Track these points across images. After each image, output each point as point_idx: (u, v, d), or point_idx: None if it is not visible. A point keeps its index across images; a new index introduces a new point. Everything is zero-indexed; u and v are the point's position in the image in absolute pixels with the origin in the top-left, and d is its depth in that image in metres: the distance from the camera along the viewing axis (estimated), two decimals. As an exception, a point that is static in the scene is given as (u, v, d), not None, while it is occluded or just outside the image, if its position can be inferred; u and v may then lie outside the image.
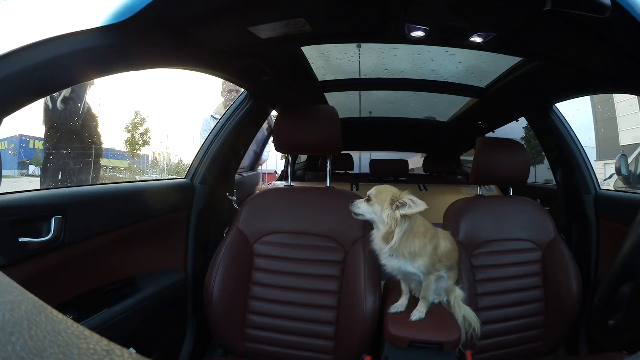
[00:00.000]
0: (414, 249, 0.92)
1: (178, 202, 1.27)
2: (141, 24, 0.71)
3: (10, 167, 11.11)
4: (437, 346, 0.90)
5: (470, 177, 1.40)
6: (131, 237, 1.08)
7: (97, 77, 0.77)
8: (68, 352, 0.18)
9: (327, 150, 1.30)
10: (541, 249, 1.28)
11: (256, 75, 1.24)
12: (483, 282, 1.23)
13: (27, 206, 0.78)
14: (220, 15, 0.83)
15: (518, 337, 1.22)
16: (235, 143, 1.43)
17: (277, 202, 1.21)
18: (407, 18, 0.86)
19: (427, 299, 0.98)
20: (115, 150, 15.70)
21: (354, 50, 1.38)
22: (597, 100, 7.38)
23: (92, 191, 1.00)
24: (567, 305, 1.20)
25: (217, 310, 1.09)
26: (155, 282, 1.14)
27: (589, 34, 0.81)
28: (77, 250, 0.89)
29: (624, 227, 1.18)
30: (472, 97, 1.63)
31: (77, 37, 0.67)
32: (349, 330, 1.06)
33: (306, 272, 1.13)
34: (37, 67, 0.62)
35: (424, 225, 0.95)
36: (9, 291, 0.24)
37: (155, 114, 37.30)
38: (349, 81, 1.62)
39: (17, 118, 0.68)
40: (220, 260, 1.11)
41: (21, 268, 0.75)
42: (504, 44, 0.97)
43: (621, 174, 2.33)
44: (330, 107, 1.27)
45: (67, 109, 2.45)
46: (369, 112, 2.15)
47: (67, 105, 2.45)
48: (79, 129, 2.51)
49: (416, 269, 0.95)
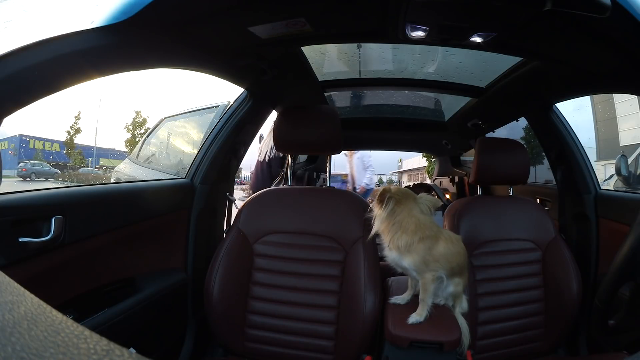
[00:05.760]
0: (401, 244, 0.95)
1: (178, 202, 1.27)
2: (141, 24, 0.71)
3: (10, 167, 11.13)
4: (437, 346, 0.90)
5: (470, 177, 1.40)
6: (131, 237, 1.08)
7: (97, 77, 0.76)
8: (68, 352, 0.18)
9: (327, 149, 1.30)
10: (541, 249, 1.28)
11: (256, 75, 1.24)
12: (483, 282, 1.23)
13: (27, 206, 0.78)
14: (220, 15, 0.83)
15: (518, 337, 1.22)
16: (235, 143, 1.43)
17: (277, 202, 1.21)
18: (407, 18, 0.86)
19: (426, 302, 0.97)
20: (115, 150, 15.72)
21: (354, 50, 1.38)
22: (597, 101, 7.37)
23: (92, 191, 1.00)
24: (567, 305, 1.20)
25: (217, 310, 1.09)
26: (155, 282, 1.14)
27: (589, 34, 0.81)
28: (77, 250, 0.89)
29: (624, 227, 1.18)
30: (472, 97, 1.63)
31: (77, 37, 0.67)
32: (349, 330, 1.06)
33: (306, 272, 1.13)
34: (37, 67, 0.62)
35: (415, 224, 0.95)
36: (9, 291, 0.24)
37: (154, 114, 37.28)
38: (349, 81, 1.62)
39: (17, 118, 0.68)
40: (221, 260, 1.11)
41: (21, 268, 0.75)
42: (504, 44, 0.97)
43: (621, 174, 2.33)
44: (331, 107, 1.27)
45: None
46: (368, 112, 2.15)
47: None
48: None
49: (407, 265, 0.96)
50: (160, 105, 37.78)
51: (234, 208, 1.42)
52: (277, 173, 2.49)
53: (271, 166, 2.51)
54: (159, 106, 36.68)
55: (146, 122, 15.58)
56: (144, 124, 15.59)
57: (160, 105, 38.81)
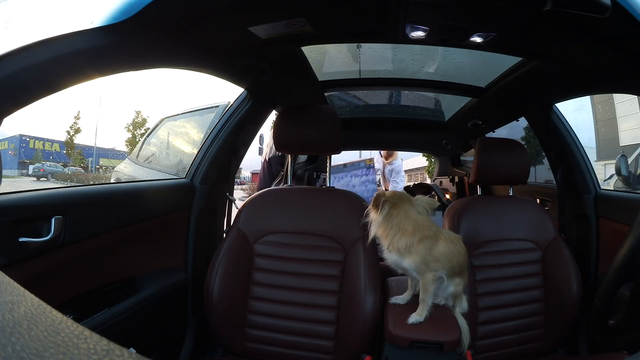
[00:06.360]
0: (401, 246, 0.95)
1: (178, 202, 1.27)
2: (141, 24, 0.71)
3: (10, 167, 11.16)
4: (437, 346, 0.90)
5: (470, 177, 1.40)
6: (131, 237, 1.08)
7: (97, 77, 0.76)
8: (68, 352, 0.18)
9: (327, 149, 1.30)
10: (541, 249, 1.28)
11: (256, 75, 1.24)
12: (483, 282, 1.23)
13: (27, 206, 0.78)
14: (220, 15, 0.83)
15: (518, 337, 1.22)
16: (235, 143, 1.43)
17: (277, 202, 1.21)
18: (407, 18, 0.86)
19: (426, 302, 0.97)
20: (115, 150, 15.73)
21: (354, 50, 1.38)
22: (597, 101, 7.36)
23: (92, 191, 1.00)
24: (567, 305, 1.20)
25: (217, 310, 1.09)
26: (155, 282, 1.14)
27: (589, 34, 0.81)
28: (77, 250, 0.89)
29: (624, 227, 1.18)
30: (472, 97, 1.63)
31: (77, 37, 0.67)
32: (349, 330, 1.06)
33: (306, 272, 1.13)
34: (37, 67, 0.62)
35: (413, 225, 0.95)
36: (9, 291, 0.24)
37: (154, 114, 37.27)
38: (349, 81, 1.62)
39: (17, 118, 0.68)
40: (221, 260, 1.11)
41: (21, 268, 0.75)
42: (504, 44, 0.97)
43: (621, 174, 2.33)
44: (331, 107, 1.27)
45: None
46: (368, 112, 2.15)
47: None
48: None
49: (408, 265, 0.96)
50: (161, 105, 37.76)
51: (234, 208, 1.42)
52: (277, 171, 2.50)
53: (271, 165, 2.52)
54: (159, 106, 36.70)
55: (146, 122, 15.61)
56: (144, 124, 15.61)
57: (161, 105, 38.82)
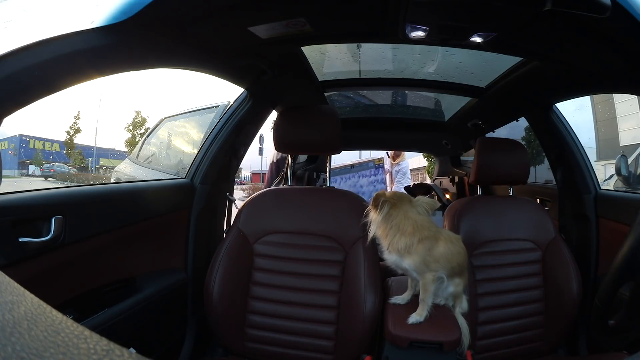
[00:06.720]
0: (400, 246, 0.95)
1: (178, 202, 1.27)
2: (141, 24, 0.71)
3: (10, 167, 11.17)
4: (437, 346, 0.90)
5: (470, 177, 1.40)
6: (131, 237, 1.08)
7: (97, 77, 0.76)
8: (68, 352, 0.18)
9: (327, 149, 1.30)
10: (541, 249, 1.28)
11: (256, 75, 1.24)
12: (483, 282, 1.23)
13: (27, 206, 0.78)
14: (220, 15, 0.83)
15: (518, 337, 1.22)
16: (235, 143, 1.43)
17: (277, 202, 1.21)
18: (407, 18, 0.86)
19: (426, 302, 0.97)
20: (115, 150, 15.74)
21: (354, 50, 1.38)
22: (597, 101, 7.35)
23: (92, 191, 1.00)
24: (567, 305, 1.19)
25: (217, 310, 1.09)
26: (155, 282, 1.14)
27: (589, 34, 0.81)
28: (77, 250, 0.89)
29: (624, 227, 1.18)
30: (472, 97, 1.63)
31: (77, 37, 0.67)
32: (349, 330, 1.06)
33: (306, 272, 1.13)
34: (37, 67, 0.62)
35: (412, 225, 0.96)
36: (9, 291, 0.24)
37: (154, 114, 37.29)
38: (349, 81, 1.62)
39: (17, 118, 0.68)
40: (221, 260, 1.11)
41: (21, 268, 0.75)
42: (504, 44, 0.97)
43: (621, 174, 2.33)
44: (331, 107, 1.27)
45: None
46: (369, 112, 2.15)
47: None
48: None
49: (407, 266, 0.97)
50: (161, 105, 37.78)
51: (234, 208, 1.42)
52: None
53: (279, 167, 2.53)
54: (159, 106, 36.71)
55: (146, 122, 15.59)
56: (143, 124, 15.60)
57: (161, 105, 38.83)
